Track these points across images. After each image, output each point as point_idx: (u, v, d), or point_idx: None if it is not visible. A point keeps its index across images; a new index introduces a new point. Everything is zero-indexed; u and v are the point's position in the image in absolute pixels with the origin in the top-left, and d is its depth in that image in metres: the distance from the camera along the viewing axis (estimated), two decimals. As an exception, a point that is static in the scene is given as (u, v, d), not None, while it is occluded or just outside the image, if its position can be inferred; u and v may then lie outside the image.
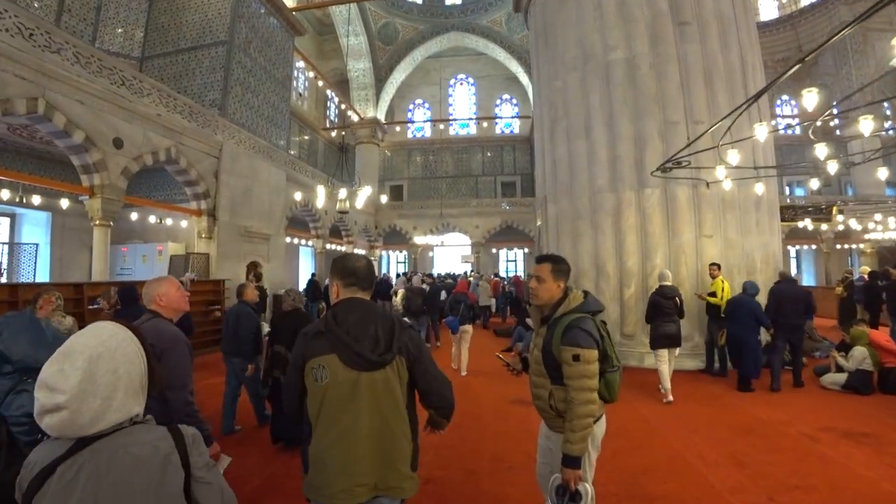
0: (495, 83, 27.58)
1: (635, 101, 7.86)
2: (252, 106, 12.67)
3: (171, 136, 9.68)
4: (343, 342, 1.62)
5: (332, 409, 1.62)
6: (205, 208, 10.64)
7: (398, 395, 1.66)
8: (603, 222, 7.84)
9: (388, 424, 1.64)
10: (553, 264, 2.19)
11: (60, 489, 0.94)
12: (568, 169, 8.50)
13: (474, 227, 22.87)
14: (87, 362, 0.97)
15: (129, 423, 1.03)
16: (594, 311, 2.17)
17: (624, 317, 7.57)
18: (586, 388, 1.98)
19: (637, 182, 7.66)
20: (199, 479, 1.07)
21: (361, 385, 1.62)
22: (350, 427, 1.61)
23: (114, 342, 1.03)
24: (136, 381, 1.05)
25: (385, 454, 1.63)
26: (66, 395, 0.93)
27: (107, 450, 0.97)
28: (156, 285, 2.35)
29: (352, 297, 1.76)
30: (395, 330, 1.69)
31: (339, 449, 1.61)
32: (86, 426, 0.96)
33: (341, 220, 18.56)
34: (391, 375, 1.65)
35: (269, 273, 12.71)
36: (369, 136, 24.22)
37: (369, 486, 1.61)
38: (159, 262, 10.97)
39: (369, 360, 1.62)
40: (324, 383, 1.62)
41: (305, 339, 1.71)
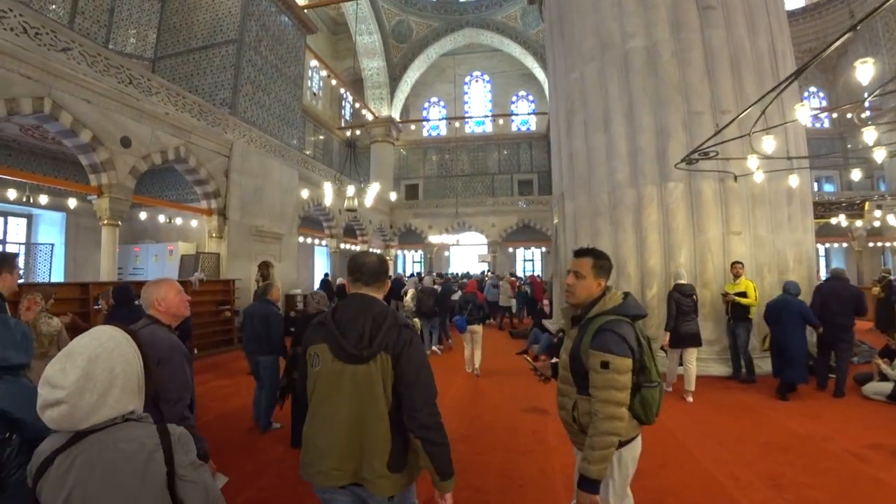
0: (511, 80, 27.15)
1: (656, 90, 7.44)
2: (263, 104, 12.55)
3: (180, 134, 9.58)
4: (332, 334, 1.69)
5: (320, 395, 1.70)
6: (215, 207, 10.52)
7: (378, 391, 1.65)
8: (623, 219, 7.44)
9: (365, 418, 1.65)
10: (595, 259, 1.99)
11: (58, 477, 1.03)
12: (586, 163, 8.12)
13: (490, 225, 22.50)
14: (85, 361, 1.04)
15: (121, 420, 1.09)
16: (634, 316, 1.91)
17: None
18: (613, 402, 1.75)
19: (659, 176, 7.24)
20: (183, 477, 1.10)
21: (345, 376, 1.66)
22: (331, 414, 1.67)
23: (111, 344, 1.11)
24: (131, 381, 1.12)
25: (362, 446, 1.66)
26: (66, 391, 1.01)
27: (98, 443, 1.04)
28: (154, 289, 2.19)
29: (355, 293, 1.79)
30: (383, 326, 1.68)
31: (321, 433, 1.68)
32: (82, 419, 1.03)
33: (355, 220, 18.40)
34: (374, 371, 1.65)
35: (281, 273, 12.57)
36: (384, 134, 24.05)
37: (347, 472, 1.65)
38: (170, 261, 10.91)
39: (351, 354, 1.65)
40: (316, 370, 1.71)
41: (310, 328, 1.81)
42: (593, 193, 7.89)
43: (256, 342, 4.66)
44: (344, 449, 1.65)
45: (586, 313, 1.94)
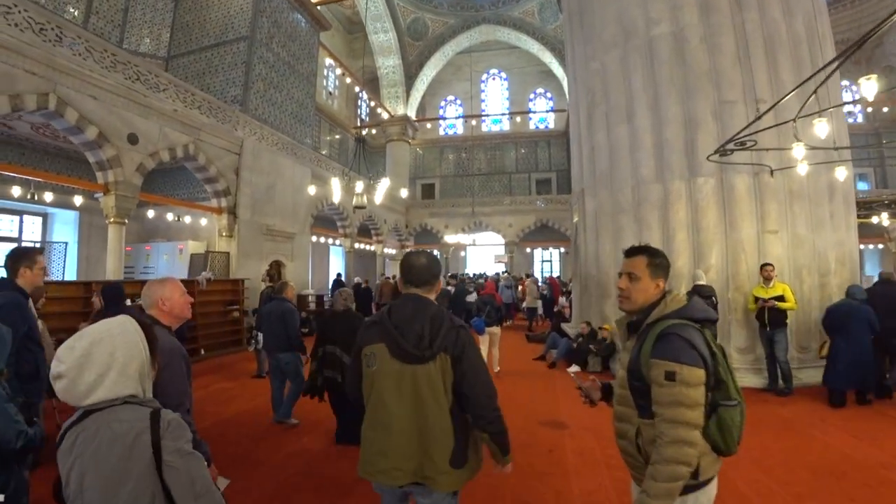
0: (528, 77, 26.64)
1: (684, 79, 6.94)
2: (275, 102, 12.35)
3: (189, 132, 9.40)
4: (390, 334, 1.70)
5: (379, 395, 1.72)
6: (225, 206, 10.34)
7: (439, 390, 1.67)
8: (648, 217, 6.95)
9: (427, 417, 1.66)
10: (650, 257, 1.70)
11: (66, 449, 1.15)
12: (608, 158, 7.65)
13: (507, 225, 22.02)
14: (88, 343, 1.15)
15: (120, 402, 1.16)
16: (702, 320, 1.58)
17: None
18: (682, 422, 1.42)
19: (688, 170, 6.74)
20: (168, 462, 1.13)
21: (405, 376, 1.68)
22: (391, 413, 1.68)
23: (117, 330, 1.21)
24: (131, 367, 1.19)
25: (423, 444, 1.66)
26: (66, 366, 1.13)
27: (96, 422, 1.13)
28: (159, 287, 2.09)
29: (408, 293, 1.83)
30: (442, 328, 1.70)
31: (381, 432, 1.70)
32: (81, 395, 1.14)
33: (370, 219, 18.16)
34: (434, 371, 1.67)
35: (293, 273, 12.35)
36: (400, 133, 23.78)
37: (408, 472, 1.67)
38: (180, 260, 10.77)
39: (412, 354, 1.67)
40: (373, 369, 1.73)
41: (363, 328, 1.85)
42: (616, 189, 7.41)
43: (275, 340, 4.76)
44: (405, 448, 1.67)
45: (644, 318, 1.63)
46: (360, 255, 22.99)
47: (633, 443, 1.58)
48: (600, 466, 3.74)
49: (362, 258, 22.97)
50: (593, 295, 7.77)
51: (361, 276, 23.50)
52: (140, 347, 1.23)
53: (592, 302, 7.81)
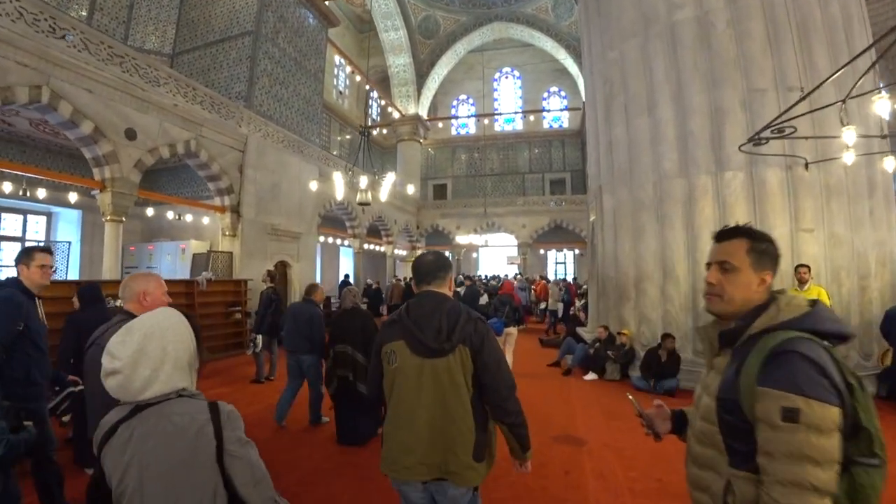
0: (542, 76, 26.13)
1: (710, 66, 6.44)
2: (281, 98, 12.07)
3: (191, 127, 9.13)
4: (409, 330, 1.73)
5: (400, 391, 1.73)
6: (228, 204, 10.05)
7: (460, 384, 1.67)
8: (671, 214, 6.46)
9: (448, 410, 1.66)
10: (751, 241, 1.22)
11: (119, 446, 1.11)
12: (627, 152, 7.17)
13: (521, 226, 21.52)
14: (141, 337, 1.14)
15: (175, 395, 1.16)
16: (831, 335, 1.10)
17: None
18: (806, 486, 0.95)
19: (714, 164, 6.24)
20: (231, 452, 1.14)
21: (425, 371, 1.69)
22: (414, 409, 1.69)
23: (166, 323, 1.19)
24: (182, 359, 1.19)
25: (445, 439, 1.65)
26: (122, 362, 1.11)
27: (155, 416, 1.12)
28: (142, 281, 2.01)
29: (425, 291, 1.83)
30: (459, 320, 1.71)
31: (404, 428, 1.70)
32: (137, 391, 1.12)
33: (380, 219, 17.82)
34: (454, 364, 1.67)
35: (299, 274, 12.05)
36: (411, 133, 23.44)
37: (431, 466, 1.66)
38: (182, 260, 10.51)
39: (431, 348, 1.68)
40: (393, 367, 1.74)
41: (383, 327, 1.85)
42: (636, 186, 6.93)
43: (301, 341, 4.75)
44: (428, 443, 1.65)
45: (746, 326, 1.16)
46: (370, 257, 22.69)
47: (720, 499, 1.11)
48: (624, 493, 3.29)
49: (373, 259, 22.69)
50: (611, 298, 7.29)
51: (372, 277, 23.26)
52: (189, 339, 1.23)
53: (610, 305, 7.33)
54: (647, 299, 6.61)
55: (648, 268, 6.64)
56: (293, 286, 11.84)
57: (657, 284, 6.54)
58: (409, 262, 22.17)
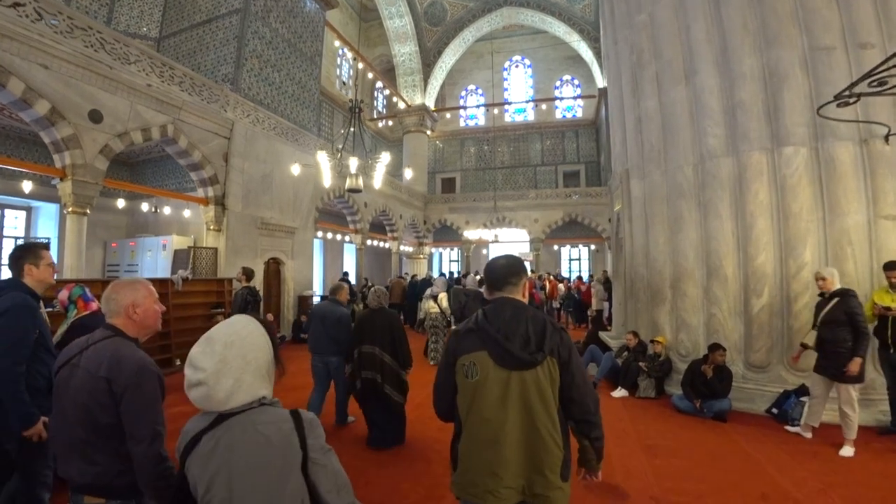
0: (554, 64, 24.95)
1: (762, 23, 5.36)
2: (273, 82, 11.15)
3: (168, 110, 8.24)
4: (494, 339, 1.59)
5: (482, 408, 1.58)
6: (212, 196, 9.16)
7: (549, 397, 1.56)
8: (716, 200, 5.41)
9: (537, 427, 1.54)
10: None
11: (204, 455, 1.11)
12: (660, 129, 6.12)
13: (533, 220, 20.42)
14: (222, 347, 1.14)
15: (257, 404, 1.17)
16: None
17: (751, 338, 5.09)
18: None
19: (770, 138, 5.17)
20: (315, 460, 1.16)
21: (512, 384, 1.56)
22: (499, 427, 1.55)
23: (245, 332, 1.19)
24: (262, 367, 1.20)
25: (533, 458, 1.55)
26: (206, 373, 1.11)
27: (239, 426, 1.12)
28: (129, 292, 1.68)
29: (501, 297, 1.70)
30: (546, 330, 1.60)
31: (488, 449, 1.56)
32: (221, 401, 1.12)
33: (384, 214, 16.87)
34: (542, 376, 1.56)
35: (294, 272, 11.16)
36: (417, 124, 22.43)
37: (517, 490, 1.55)
38: (164, 257, 9.66)
39: (520, 359, 1.56)
40: (474, 380, 1.59)
41: (457, 337, 1.70)
42: (672, 168, 5.88)
43: (328, 343, 4.61)
44: (515, 465, 1.54)
45: None
46: (376, 254, 21.79)
47: None
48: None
49: (378, 256, 21.79)
50: (642, 299, 6.26)
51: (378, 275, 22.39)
52: (267, 347, 1.23)
53: (641, 308, 6.29)
54: (687, 301, 5.56)
55: (688, 264, 5.59)
56: (287, 285, 10.95)
57: (699, 284, 5.49)
58: (415, 258, 21.21)
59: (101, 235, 11.04)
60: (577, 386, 1.60)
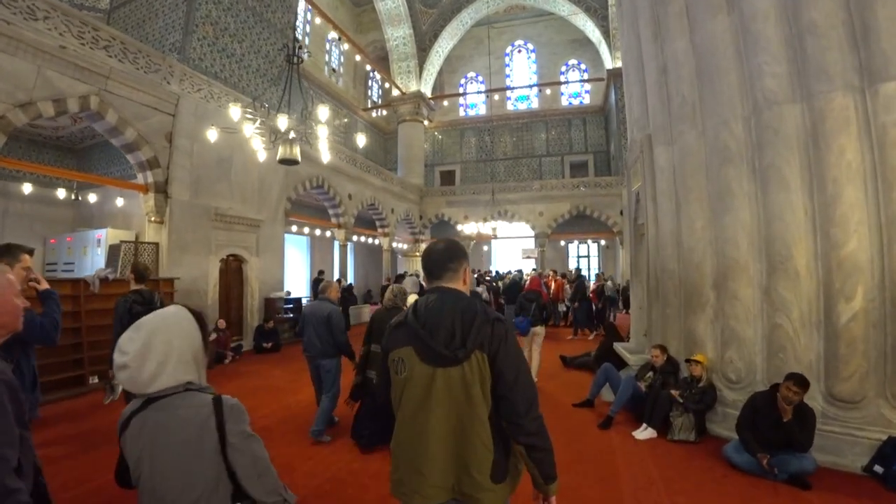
0: (559, 48, 23.35)
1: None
2: (233, 54, 9.73)
3: (90, 79, 6.85)
4: (417, 335, 1.51)
5: (409, 405, 1.53)
6: (152, 182, 7.76)
7: (476, 395, 1.46)
8: (780, 165, 3.86)
9: (463, 427, 1.47)
10: None
11: (133, 435, 1.20)
12: (693, 76, 4.60)
13: (537, 214, 18.82)
14: (148, 332, 1.20)
15: (182, 389, 1.22)
16: None
17: (835, 359, 3.54)
18: None
19: (858, 72, 3.62)
20: (233, 445, 1.19)
21: (437, 381, 1.48)
22: (424, 424, 1.49)
23: (173, 320, 1.26)
24: (187, 353, 1.24)
25: (459, 458, 1.47)
26: (129, 356, 1.18)
27: (163, 408, 1.18)
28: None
29: (435, 287, 1.62)
30: (474, 322, 1.48)
31: (413, 447, 1.51)
32: (145, 384, 1.18)
33: (373, 207, 15.42)
34: (469, 373, 1.46)
35: (259, 271, 9.75)
36: (412, 112, 20.94)
37: (445, 489, 1.48)
38: (100, 254, 8.28)
39: (442, 355, 1.47)
40: (402, 377, 1.54)
41: (389, 330, 1.65)
42: (712, 125, 4.36)
43: (318, 344, 4.34)
44: (441, 463, 1.47)
45: None
46: (370, 251, 20.36)
47: None
48: None
49: (373, 254, 20.33)
50: (672, 303, 4.72)
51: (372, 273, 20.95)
52: (194, 334, 1.27)
53: (670, 314, 4.76)
54: (738, 307, 4.04)
55: (739, 255, 4.06)
56: (251, 285, 9.54)
57: (755, 282, 3.96)
58: (411, 256, 19.73)
59: (40, 230, 9.71)
60: (506, 382, 1.46)
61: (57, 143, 10.00)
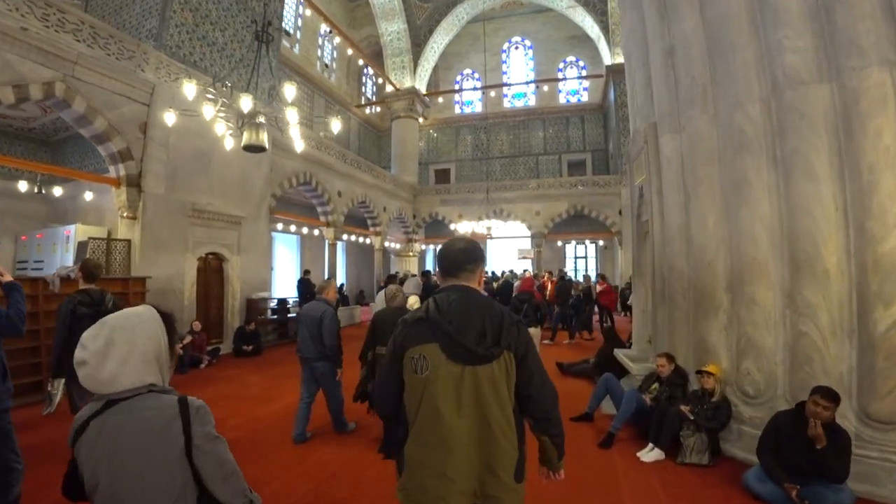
0: (557, 45, 22.96)
1: None
2: (214, 43, 9.26)
3: (56, 64, 6.39)
4: (445, 331, 1.45)
5: (433, 406, 1.44)
6: (124, 175, 7.30)
7: (504, 394, 1.44)
8: (805, 151, 3.42)
9: (490, 426, 1.43)
10: None
11: (90, 439, 1.13)
12: (704, 55, 4.16)
13: (534, 213, 18.40)
14: (110, 330, 1.15)
15: (145, 390, 1.16)
16: None
17: (871, 373, 3.09)
18: None
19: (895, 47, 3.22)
20: (199, 447, 1.15)
21: (465, 380, 1.43)
22: (451, 426, 1.42)
23: (138, 319, 1.20)
24: (150, 353, 1.19)
25: (486, 458, 1.43)
26: (89, 353, 1.12)
27: (126, 410, 1.13)
28: None
29: (453, 285, 1.58)
30: (503, 322, 1.48)
31: (439, 450, 1.43)
32: (105, 383, 1.12)
33: (364, 204, 14.95)
34: (497, 372, 1.44)
35: (241, 270, 9.28)
36: (406, 109, 20.47)
37: (467, 494, 1.43)
38: (68, 251, 7.81)
39: (475, 353, 1.43)
40: (424, 375, 1.46)
41: (405, 326, 1.55)
42: (726, 108, 3.92)
43: (311, 345, 4.20)
44: (468, 467, 1.42)
45: None
46: (363, 251, 19.88)
47: None
48: None
49: (367, 254, 19.84)
50: (680, 307, 4.28)
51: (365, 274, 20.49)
52: (158, 335, 1.22)
53: (678, 320, 4.32)
54: (757, 311, 3.60)
55: (758, 253, 3.62)
56: (232, 285, 9.08)
57: (777, 284, 3.53)
58: (404, 256, 19.27)
59: (11, 226, 9.23)
60: (535, 383, 1.48)
61: (29, 136, 9.52)
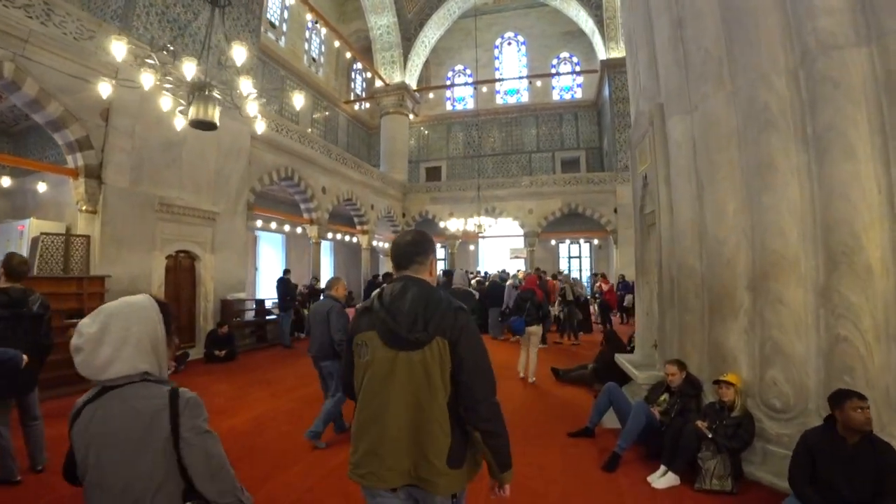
0: (551, 41, 22.55)
1: None
2: (185, 26, 8.68)
3: (4, 42, 5.82)
4: (382, 319, 1.52)
5: (370, 388, 1.53)
6: (82, 165, 6.72)
7: (436, 381, 1.47)
8: (842, 127, 2.94)
9: (422, 410, 1.46)
10: None
11: (83, 425, 1.12)
12: (718, 25, 3.68)
13: (527, 211, 17.93)
14: (106, 316, 1.13)
15: (139, 379, 1.14)
16: None
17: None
18: None
19: (951, 5, 2.75)
20: (186, 440, 1.12)
21: (398, 364, 1.49)
22: (383, 408, 1.49)
23: (136, 306, 1.17)
24: (145, 341, 1.15)
25: (417, 442, 1.46)
26: (85, 338, 1.09)
27: (117, 398, 1.11)
28: None
29: (401, 276, 1.63)
30: (438, 309, 1.50)
31: (372, 430, 1.50)
32: (99, 369, 1.10)
33: (350, 202, 14.40)
34: (430, 358, 1.47)
35: (215, 269, 8.71)
36: (396, 104, 19.93)
37: (401, 472, 1.47)
38: (20, 249, 7.19)
39: (406, 340, 1.48)
40: (364, 360, 1.55)
41: (356, 315, 1.66)
42: (747, 81, 3.44)
43: (318, 344, 4.22)
44: (398, 446, 1.46)
45: None
46: (352, 250, 19.32)
47: None
48: None
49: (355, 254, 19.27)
50: (693, 308, 3.80)
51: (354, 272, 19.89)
52: (155, 323, 1.20)
53: (690, 322, 3.83)
54: (784, 313, 3.12)
55: (785, 246, 3.14)
56: (205, 286, 8.50)
57: (808, 281, 3.05)
58: (394, 256, 18.72)
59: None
60: (467, 370, 1.47)
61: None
